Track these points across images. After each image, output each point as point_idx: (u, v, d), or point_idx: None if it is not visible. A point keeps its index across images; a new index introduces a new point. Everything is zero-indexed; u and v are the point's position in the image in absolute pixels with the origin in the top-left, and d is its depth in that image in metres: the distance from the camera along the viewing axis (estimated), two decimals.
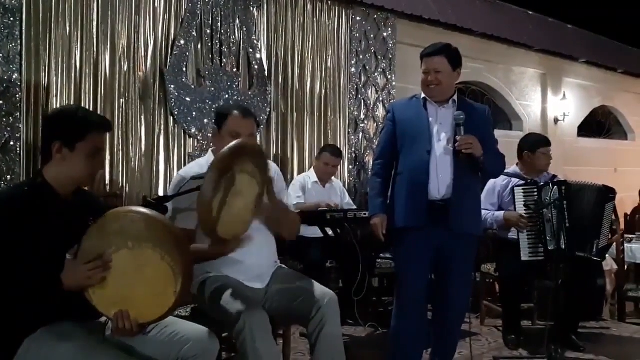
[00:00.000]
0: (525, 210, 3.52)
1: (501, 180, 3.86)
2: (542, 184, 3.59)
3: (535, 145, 3.86)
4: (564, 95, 7.96)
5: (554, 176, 3.87)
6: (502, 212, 3.70)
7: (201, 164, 2.40)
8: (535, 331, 3.90)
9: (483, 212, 3.80)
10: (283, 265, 2.59)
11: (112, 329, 1.78)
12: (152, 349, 1.89)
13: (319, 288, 2.37)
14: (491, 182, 3.91)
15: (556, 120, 7.94)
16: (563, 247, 3.36)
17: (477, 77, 7.08)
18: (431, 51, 2.70)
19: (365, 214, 3.88)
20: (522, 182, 3.72)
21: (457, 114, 2.64)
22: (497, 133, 6.66)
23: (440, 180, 2.65)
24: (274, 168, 2.48)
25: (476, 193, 2.81)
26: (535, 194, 3.57)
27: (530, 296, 3.99)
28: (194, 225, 2.22)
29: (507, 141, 3.97)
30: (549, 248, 3.46)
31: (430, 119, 2.70)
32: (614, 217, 3.90)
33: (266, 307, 2.36)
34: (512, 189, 3.64)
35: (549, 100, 7.89)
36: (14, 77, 3.54)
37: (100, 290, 1.76)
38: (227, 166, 1.98)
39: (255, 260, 2.40)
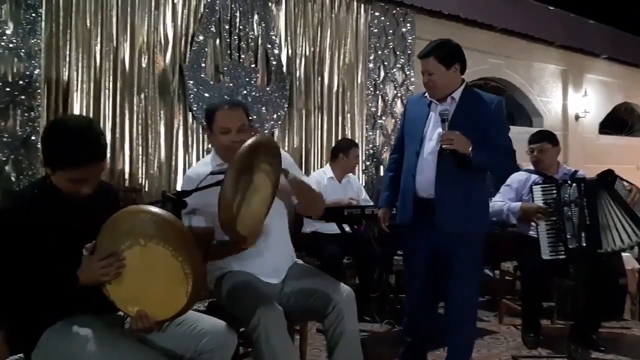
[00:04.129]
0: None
1: (520, 176, 3.82)
2: (560, 181, 3.54)
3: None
4: (585, 91, 7.85)
5: (575, 172, 3.80)
6: (518, 203, 3.65)
7: (207, 163, 2.40)
8: (554, 330, 3.85)
9: (498, 203, 3.78)
10: (299, 261, 2.58)
11: (130, 326, 1.79)
12: (170, 342, 1.90)
13: (335, 284, 2.36)
14: (510, 177, 3.87)
15: (577, 117, 7.84)
16: (584, 245, 3.30)
17: (497, 73, 7.01)
18: (422, 53, 2.68)
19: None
20: (540, 179, 3.67)
21: (442, 109, 2.62)
22: (517, 130, 6.68)
23: (425, 179, 2.64)
24: (287, 159, 2.48)
25: (467, 190, 2.63)
26: (554, 192, 3.51)
27: (550, 295, 3.94)
28: (210, 223, 2.24)
29: (526, 138, 3.92)
30: (570, 246, 3.41)
31: (432, 117, 2.68)
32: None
33: (282, 302, 2.36)
34: (531, 188, 3.60)
35: (570, 96, 7.78)
36: (35, 72, 3.58)
37: (116, 286, 1.77)
38: (246, 164, 1.99)
39: (272, 256, 2.39)
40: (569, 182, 3.46)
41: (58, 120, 1.94)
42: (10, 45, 3.49)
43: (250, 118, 2.51)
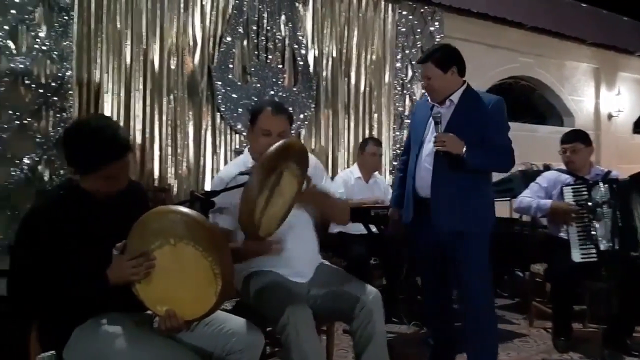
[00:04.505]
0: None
1: (551, 175, 3.76)
2: (591, 182, 3.47)
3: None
4: (619, 90, 7.67)
5: (608, 172, 3.71)
6: (549, 200, 3.59)
7: (238, 164, 2.41)
8: (586, 334, 3.77)
9: (526, 199, 3.72)
10: (325, 261, 2.57)
11: (159, 325, 1.81)
12: (198, 341, 1.92)
13: (362, 285, 2.35)
14: (541, 176, 3.81)
15: (610, 116, 7.67)
16: (617, 247, 3.22)
17: (527, 72, 6.91)
18: (420, 59, 2.79)
19: None
20: (571, 179, 3.60)
21: (435, 112, 2.69)
22: (547, 129, 6.56)
23: (424, 180, 2.72)
24: (312, 160, 2.47)
25: (464, 189, 2.64)
26: (585, 193, 3.44)
27: (582, 297, 3.86)
28: (231, 225, 2.25)
29: (557, 138, 3.84)
30: (601, 248, 3.34)
31: (432, 120, 2.70)
32: None
33: (309, 303, 2.35)
34: (561, 189, 3.54)
35: (602, 95, 7.62)
36: (67, 74, 3.65)
37: (145, 285, 1.79)
38: (274, 166, 1.99)
39: (299, 256, 2.39)
40: (601, 183, 3.39)
41: (75, 125, 1.93)
42: (43, 47, 3.57)
43: (292, 124, 2.52)
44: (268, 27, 4.57)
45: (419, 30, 5.57)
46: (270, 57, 4.57)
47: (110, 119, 1.99)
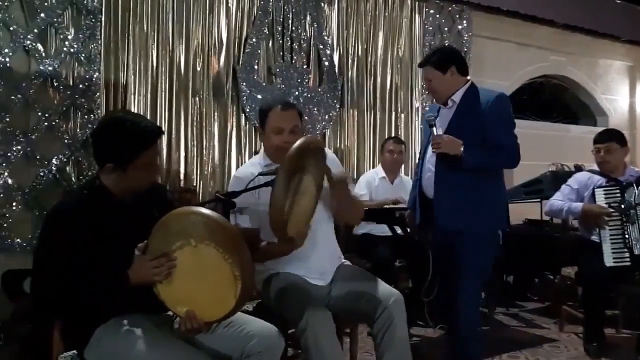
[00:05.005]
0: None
1: (582, 177, 3.67)
2: (624, 183, 3.37)
3: None
4: None
5: None
6: (580, 204, 3.50)
7: (254, 163, 2.41)
8: (619, 340, 3.66)
9: (557, 202, 3.63)
10: (347, 262, 2.54)
11: (179, 326, 1.81)
12: (218, 343, 1.91)
13: (384, 287, 2.32)
14: (572, 178, 3.73)
15: None
16: None
17: (559, 70, 6.75)
18: (421, 63, 2.91)
19: None
20: (603, 180, 3.51)
21: (427, 115, 2.80)
22: (580, 129, 6.40)
23: (428, 181, 2.80)
24: (330, 156, 2.46)
25: (465, 189, 2.68)
26: (618, 195, 3.35)
27: (615, 302, 3.75)
28: (255, 223, 2.24)
29: (590, 138, 3.74)
30: (635, 253, 3.24)
31: (437, 122, 2.75)
32: None
33: (330, 304, 2.33)
34: (593, 190, 3.44)
35: (638, 94, 7.40)
36: (95, 75, 3.69)
37: (166, 286, 1.79)
38: (296, 167, 1.98)
39: (318, 258, 2.37)
40: (635, 184, 3.29)
41: (106, 121, 1.97)
42: (72, 49, 3.62)
43: (303, 120, 2.51)
44: (293, 28, 4.56)
45: (446, 29, 5.49)
46: (295, 57, 4.56)
47: (133, 112, 2.03)
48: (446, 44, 5.45)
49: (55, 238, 1.78)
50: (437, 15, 5.43)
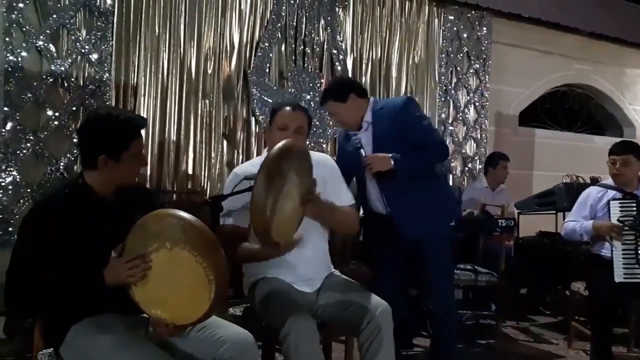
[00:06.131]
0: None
1: (595, 191, 3.56)
2: None
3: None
4: None
5: None
6: (591, 222, 3.40)
7: (254, 164, 2.40)
8: (630, 359, 3.54)
9: (570, 224, 3.53)
10: (336, 271, 2.51)
11: (151, 329, 1.81)
12: (191, 347, 1.91)
13: (372, 298, 2.28)
14: (584, 193, 3.62)
15: None
16: None
17: (584, 80, 6.59)
18: (320, 103, 2.99)
19: None
20: (618, 193, 3.40)
21: (353, 139, 2.82)
22: (605, 140, 6.22)
23: (376, 199, 2.90)
24: (322, 159, 2.44)
25: (418, 198, 2.82)
26: (634, 209, 3.24)
27: (626, 320, 3.62)
28: (247, 224, 2.23)
29: None
30: None
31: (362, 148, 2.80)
32: None
33: (317, 313, 2.31)
34: (608, 203, 3.34)
35: None
36: (105, 77, 3.73)
37: (141, 288, 1.80)
38: (276, 168, 1.96)
39: (306, 264, 2.35)
40: None
41: (95, 114, 2.01)
42: (83, 50, 3.67)
43: (311, 125, 2.51)
44: (306, 32, 4.54)
45: (465, 35, 5.41)
46: (307, 61, 4.55)
47: (115, 107, 2.10)
48: (465, 50, 5.38)
49: (30, 235, 1.80)
50: (456, 22, 5.35)
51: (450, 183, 5.21)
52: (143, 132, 2.06)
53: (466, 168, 5.45)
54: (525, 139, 6.06)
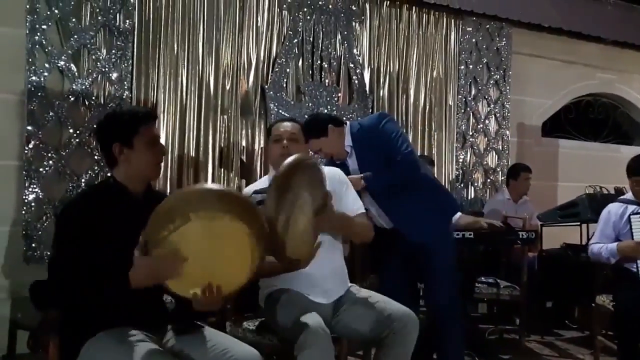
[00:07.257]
0: None
1: (616, 208, 3.48)
2: None
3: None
4: None
5: None
6: (615, 244, 3.33)
7: (263, 181, 2.44)
8: None
9: (596, 247, 3.46)
10: (355, 286, 2.50)
11: (198, 300, 1.78)
12: None
13: (395, 305, 2.27)
14: (605, 211, 3.54)
15: None
16: None
17: (608, 89, 6.47)
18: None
19: (464, 234, 3.69)
20: (639, 209, 3.33)
21: (351, 169, 2.95)
22: (633, 150, 6.07)
23: (378, 215, 3.02)
24: (331, 172, 2.45)
25: (413, 207, 2.95)
26: None
27: None
28: None
29: None
30: None
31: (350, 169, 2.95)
32: None
33: (333, 326, 2.30)
34: (629, 218, 3.26)
35: None
36: (125, 95, 3.80)
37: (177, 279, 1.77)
38: (286, 183, 1.96)
39: (323, 276, 2.35)
40: None
41: (103, 116, 2.11)
42: (103, 69, 3.74)
43: (305, 134, 2.55)
44: (323, 47, 4.57)
45: (484, 46, 5.37)
46: (325, 76, 4.56)
47: None
48: (484, 61, 5.35)
49: (60, 233, 1.86)
50: (475, 33, 5.32)
51: (450, 184, 5.16)
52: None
53: (488, 180, 5.39)
54: (549, 149, 5.97)
